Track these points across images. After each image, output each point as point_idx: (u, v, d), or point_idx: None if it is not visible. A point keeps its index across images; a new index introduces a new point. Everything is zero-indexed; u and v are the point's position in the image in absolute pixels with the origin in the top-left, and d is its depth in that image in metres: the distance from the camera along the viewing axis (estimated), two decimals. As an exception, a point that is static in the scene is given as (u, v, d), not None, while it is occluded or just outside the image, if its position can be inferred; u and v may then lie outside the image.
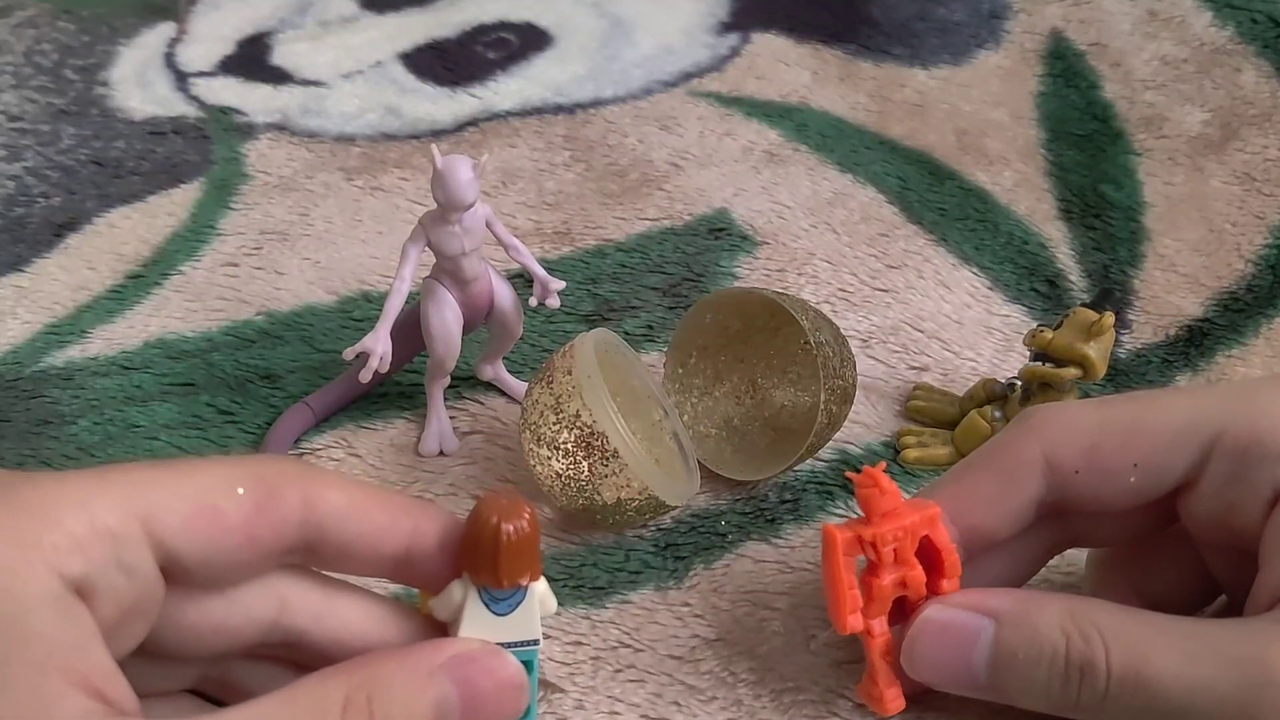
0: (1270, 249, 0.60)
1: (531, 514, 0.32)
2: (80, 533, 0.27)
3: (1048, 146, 0.68)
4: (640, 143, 0.68)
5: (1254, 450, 0.34)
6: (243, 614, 0.31)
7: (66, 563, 0.27)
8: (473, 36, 0.78)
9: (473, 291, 0.47)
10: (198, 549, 0.29)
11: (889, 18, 0.79)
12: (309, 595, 0.32)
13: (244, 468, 0.31)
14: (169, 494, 0.29)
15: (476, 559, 0.31)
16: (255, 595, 0.32)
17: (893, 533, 0.35)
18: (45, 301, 0.57)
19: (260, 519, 0.30)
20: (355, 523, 0.31)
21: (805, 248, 0.60)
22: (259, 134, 0.69)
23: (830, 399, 0.45)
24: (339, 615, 0.32)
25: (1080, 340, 0.46)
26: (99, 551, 0.27)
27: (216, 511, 0.29)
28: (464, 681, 0.31)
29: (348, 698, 0.29)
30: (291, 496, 0.31)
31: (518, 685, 0.32)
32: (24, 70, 0.75)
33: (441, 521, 0.32)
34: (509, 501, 0.32)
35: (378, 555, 0.32)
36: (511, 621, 0.32)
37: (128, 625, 0.29)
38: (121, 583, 0.28)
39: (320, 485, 0.31)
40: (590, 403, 0.43)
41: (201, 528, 0.29)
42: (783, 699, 0.39)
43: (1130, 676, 0.32)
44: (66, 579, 0.27)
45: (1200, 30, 0.75)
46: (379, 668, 0.30)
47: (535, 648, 0.33)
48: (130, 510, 0.28)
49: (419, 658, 0.31)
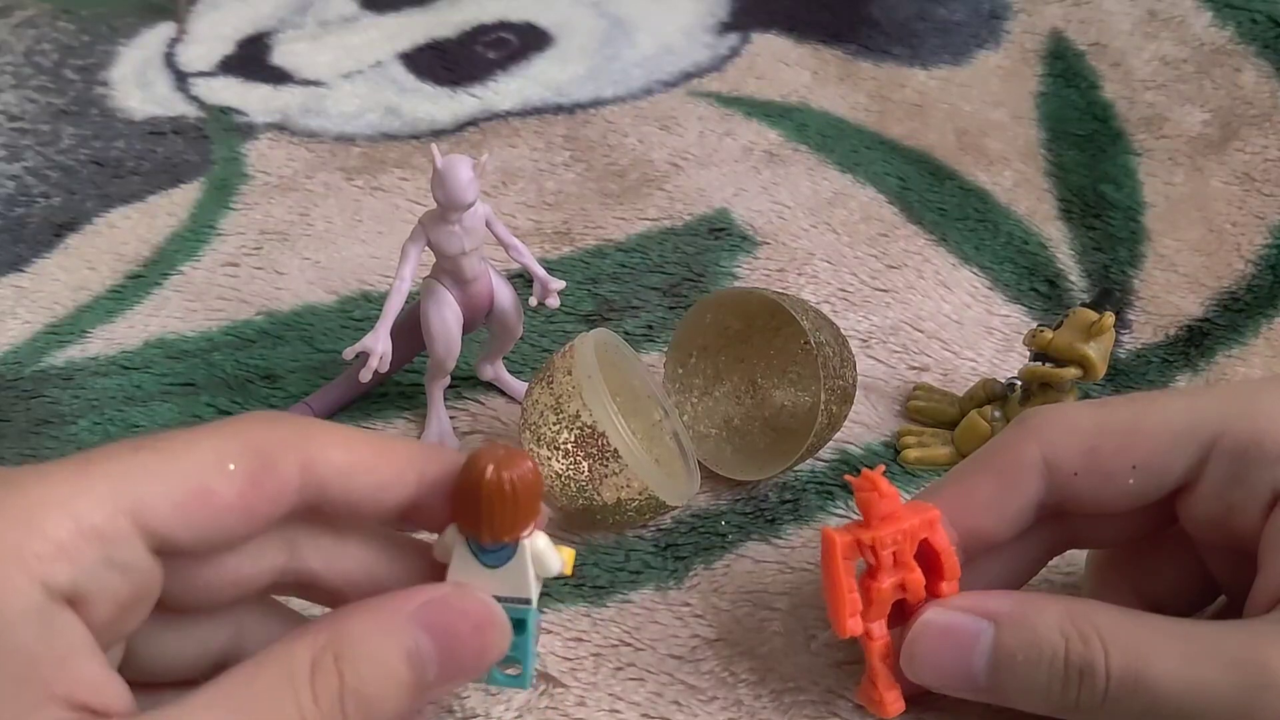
0: (1270, 249, 0.60)
1: (532, 468, 0.30)
2: (65, 538, 0.27)
3: (1048, 146, 0.67)
4: (640, 143, 0.68)
5: (1253, 452, 0.34)
6: (251, 563, 0.31)
7: (51, 571, 0.26)
8: (473, 36, 0.78)
9: (473, 291, 0.47)
10: (193, 532, 0.29)
11: (889, 18, 0.79)
12: (319, 538, 0.32)
13: (233, 439, 0.30)
14: (157, 481, 0.28)
15: (462, 507, 0.30)
16: (263, 542, 0.31)
17: (892, 536, 0.35)
18: (45, 301, 0.57)
19: (255, 492, 0.29)
20: (360, 478, 0.31)
21: (805, 248, 0.60)
22: (259, 134, 0.69)
23: (830, 399, 0.45)
24: (351, 556, 0.32)
25: (1080, 340, 0.46)
26: (87, 554, 0.27)
27: (209, 493, 0.29)
28: (436, 626, 0.30)
29: (314, 660, 0.28)
30: (288, 463, 0.30)
31: (496, 625, 0.31)
32: (24, 70, 0.75)
33: (450, 465, 0.31)
34: (507, 452, 0.30)
35: (384, 508, 0.31)
36: (502, 575, 0.31)
37: (127, 614, 0.28)
38: (114, 581, 0.27)
39: (319, 445, 0.30)
40: (590, 403, 0.43)
41: (194, 512, 0.28)
42: (783, 699, 0.39)
43: (1129, 678, 0.32)
44: (52, 588, 0.26)
45: (1200, 30, 0.75)
46: (346, 624, 0.29)
47: (527, 607, 0.31)
48: (117, 505, 0.27)
49: (388, 610, 0.30)
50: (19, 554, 0.26)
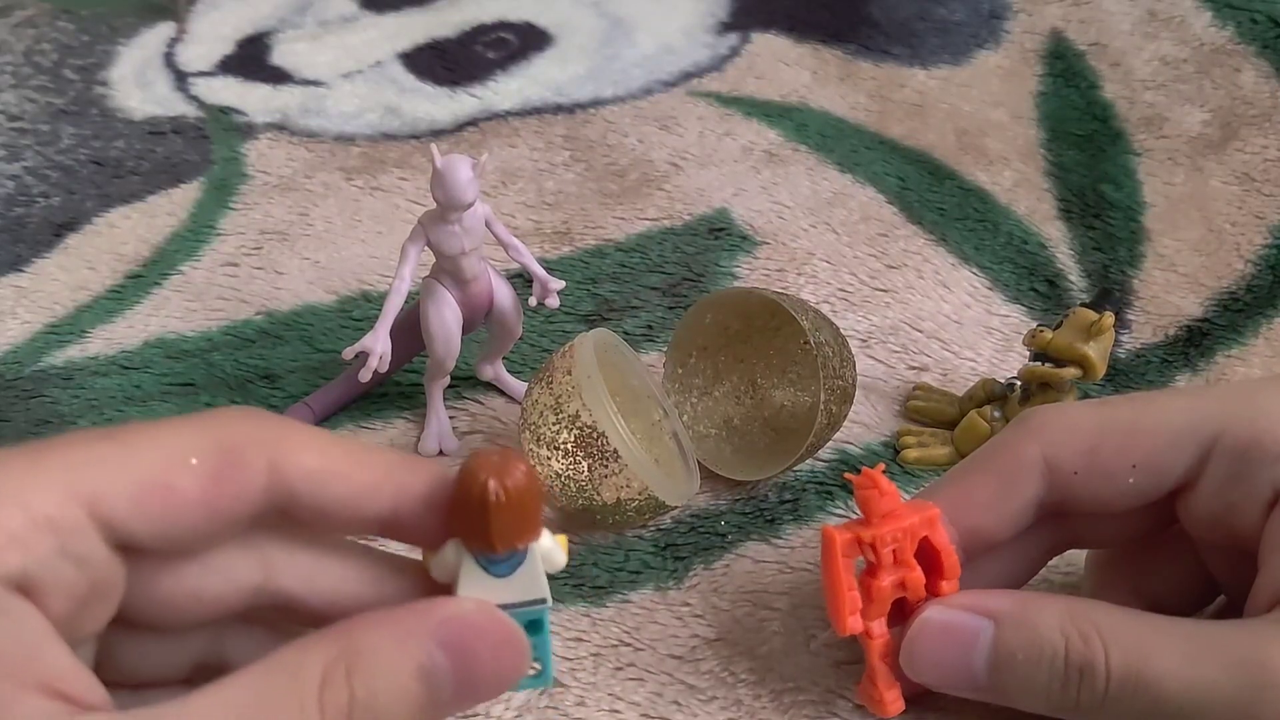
0: (1270, 249, 0.60)
1: (528, 470, 0.28)
2: (15, 527, 0.26)
3: (1048, 146, 0.67)
4: (640, 143, 0.68)
5: (1253, 451, 0.34)
6: (223, 579, 0.29)
7: (2, 561, 0.25)
8: (472, 36, 0.78)
9: (472, 291, 0.47)
10: (152, 526, 0.27)
11: (889, 18, 0.79)
12: (296, 556, 0.30)
13: (199, 433, 0.28)
14: (113, 472, 0.27)
15: (466, 522, 0.29)
16: (235, 559, 0.29)
17: (892, 534, 0.35)
18: (45, 301, 0.57)
19: (218, 490, 0.28)
20: (331, 486, 0.29)
21: (805, 248, 0.60)
22: (259, 134, 0.69)
23: (830, 399, 0.45)
24: (330, 575, 0.30)
25: (1080, 340, 0.46)
26: (39, 544, 0.26)
27: (168, 488, 0.27)
28: (454, 645, 0.28)
29: (325, 671, 0.27)
30: (255, 461, 0.28)
31: (515, 646, 0.29)
32: (24, 70, 0.75)
33: (429, 480, 0.30)
34: (500, 458, 0.28)
35: (359, 518, 0.30)
36: (513, 582, 0.29)
37: (87, 610, 0.27)
38: (70, 573, 0.26)
39: (289, 447, 0.29)
40: (590, 403, 0.43)
41: (153, 506, 0.27)
42: (783, 699, 0.39)
43: (1130, 678, 0.32)
44: (4, 578, 0.25)
45: (1200, 30, 0.75)
46: (361, 636, 0.28)
47: (544, 607, 0.30)
48: (71, 495, 0.26)
49: (404, 622, 0.28)
50: None
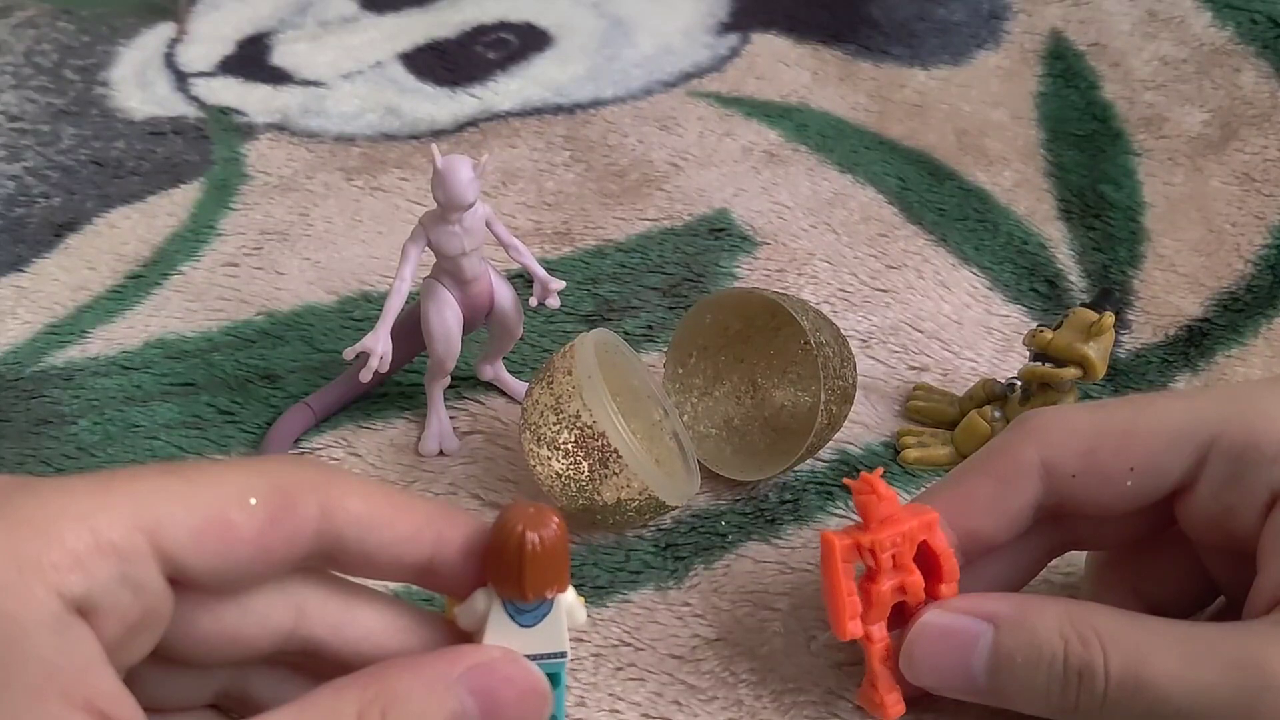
0: (1270, 249, 0.60)
1: (560, 524, 0.30)
2: (82, 550, 0.26)
3: (1047, 146, 0.68)
4: (640, 143, 0.68)
5: (1250, 453, 0.34)
6: (258, 622, 0.31)
7: (67, 582, 0.26)
8: (472, 37, 0.78)
9: (473, 291, 0.47)
10: (207, 562, 0.28)
11: (889, 18, 0.79)
12: (328, 603, 0.31)
13: (258, 475, 0.30)
14: (177, 505, 0.28)
15: (501, 570, 0.30)
16: (272, 603, 0.31)
17: (891, 538, 0.35)
18: (45, 301, 0.57)
19: (274, 531, 0.29)
20: (376, 532, 0.30)
21: (805, 248, 0.60)
22: (259, 134, 0.69)
23: (830, 399, 0.45)
24: (359, 624, 0.32)
25: (1080, 340, 0.46)
26: (102, 568, 0.27)
27: (227, 524, 0.28)
28: (483, 692, 0.30)
29: (361, 712, 0.28)
30: (308, 506, 0.30)
31: (540, 694, 0.31)
32: (24, 70, 0.75)
33: (467, 529, 0.31)
34: (535, 510, 0.30)
35: (400, 564, 0.31)
36: (537, 633, 0.31)
37: (135, 638, 0.28)
38: (126, 599, 0.27)
39: (340, 492, 0.30)
40: (590, 403, 0.43)
41: (211, 541, 0.28)
42: (783, 699, 0.39)
43: (1129, 680, 0.32)
44: (67, 598, 0.26)
45: (1200, 30, 0.75)
46: (395, 679, 0.29)
47: (563, 660, 0.32)
48: (136, 523, 0.27)
49: (436, 668, 0.30)
50: (37, 564, 0.26)
